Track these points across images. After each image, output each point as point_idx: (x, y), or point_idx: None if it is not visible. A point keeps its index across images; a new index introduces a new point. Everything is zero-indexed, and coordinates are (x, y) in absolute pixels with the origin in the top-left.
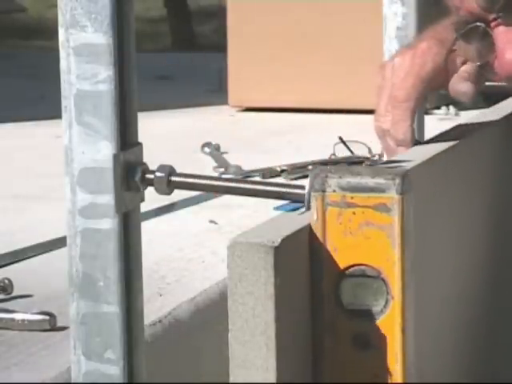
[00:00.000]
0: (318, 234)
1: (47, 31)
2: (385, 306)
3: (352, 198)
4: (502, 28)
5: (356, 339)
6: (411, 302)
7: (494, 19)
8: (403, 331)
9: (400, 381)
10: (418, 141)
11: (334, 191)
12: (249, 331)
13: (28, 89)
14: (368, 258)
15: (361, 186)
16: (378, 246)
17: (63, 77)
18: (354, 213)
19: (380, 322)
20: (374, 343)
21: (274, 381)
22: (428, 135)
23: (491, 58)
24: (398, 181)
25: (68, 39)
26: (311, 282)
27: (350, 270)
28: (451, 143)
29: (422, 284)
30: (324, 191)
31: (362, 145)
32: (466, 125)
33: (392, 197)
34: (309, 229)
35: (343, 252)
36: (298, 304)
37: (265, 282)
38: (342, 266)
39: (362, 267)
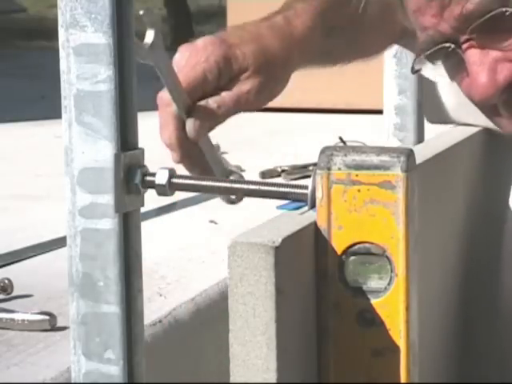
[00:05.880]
0: (323, 212)
1: (47, 31)
2: (389, 284)
3: (357, 175)
4: (474, 50)
5: (360, 317)
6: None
7: (467, 40)
8: (407, 308)
9: (403, 357)
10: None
11: (339, 169)
12: (249, 331)
13: (28, 89)
14: (373, 236)
15: (366, 163)
16: (382, 224)
17: (63, 77)
18: (358, 190)
19: (384, 299)
20: (377, 321)
21: (275, 381)
22: (428, 135)
23: (459, 79)
24: (403, 158)
25: (68, 39)
26: (316, 260)
27: (355, 247)
28: (450, 143)
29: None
30: (329, 169)
31: (361, 145)
32: (463, 127)
33: (397, 174)
34: (312, 218)
35: (348, 230)
36: (299, 304)
37: (265, 282)
38: (346, 243)
39: (367, 245)
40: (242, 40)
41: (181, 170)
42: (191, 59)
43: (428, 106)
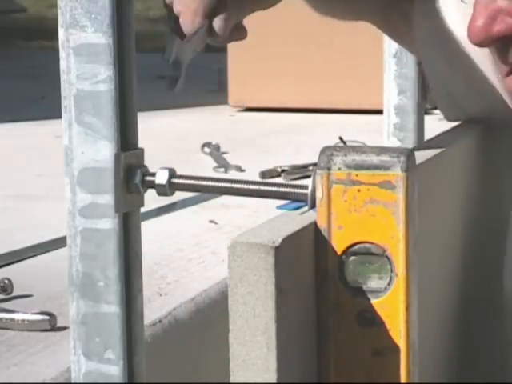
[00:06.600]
0: (323, 212)
1: (47, 31)
2: (389, 284)
3: (357, 175)
4: None
5: (360, 317)
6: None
7: None
8: (407, 308)
9: (403, 357)
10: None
11: (340, 169)
12: (249, 331)
13: (28, 89)
14: (373, 236)
15: (366, 163)
16: (382, 224)
17: (63, 77)
18: (358, 190)
19: (384, 299)
20: (377, 321)
21: (275, 381)
22: (428, 135)
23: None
24: (402, 158)
25: (68, 39)
26: (316, 260)
27: (355, 247)
28: (449, 143)
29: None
30: (329, 169)
31: (361, 145)
32: (463, 126)
33: (397, 174)
34: (313, 218)
35: (348, 230)
36: (299, 304)
37: (265, 282)
38: (346, 243)
39: (367, 245)
40: None
41: (181, 170)
42: None
43: (444, 103)
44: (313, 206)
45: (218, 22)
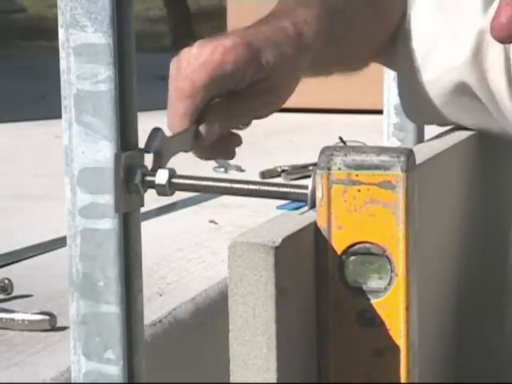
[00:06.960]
0: (323, 212)
1: (47, 31)
2: (389, 284)
3: (357, 175)
4: None
5: (360, 316)
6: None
7: None
8: (407, 308)
9: (403, 357)
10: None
11: (340, 169)
12: (249, 331)
13: (28, 89)
14: (373, 236)
15: (366, 163)
16: (382, 224)
17: (63, 77)
18: (358, 190)
19: (384, 299)
20: (377, 321)
21: (275, 381)
22: (428, 135)
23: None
24: (402, 158)
25: (68, 39)
26: (316, 260)
27: (355, 247)
28: (449, 143)
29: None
30: (329, 169)
31: (361, 145)
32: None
33: (397, 174)
34: (312, 218)
35: (348, 230)
36: (299, 304)
37: (265, 282)
38: (346, 243)
39: (367, 245)
40: (265, 45)
41: (181, 170)
42: (217, 56)
43: (413, 105)
44: (313, 205)
45: (204, 128)
